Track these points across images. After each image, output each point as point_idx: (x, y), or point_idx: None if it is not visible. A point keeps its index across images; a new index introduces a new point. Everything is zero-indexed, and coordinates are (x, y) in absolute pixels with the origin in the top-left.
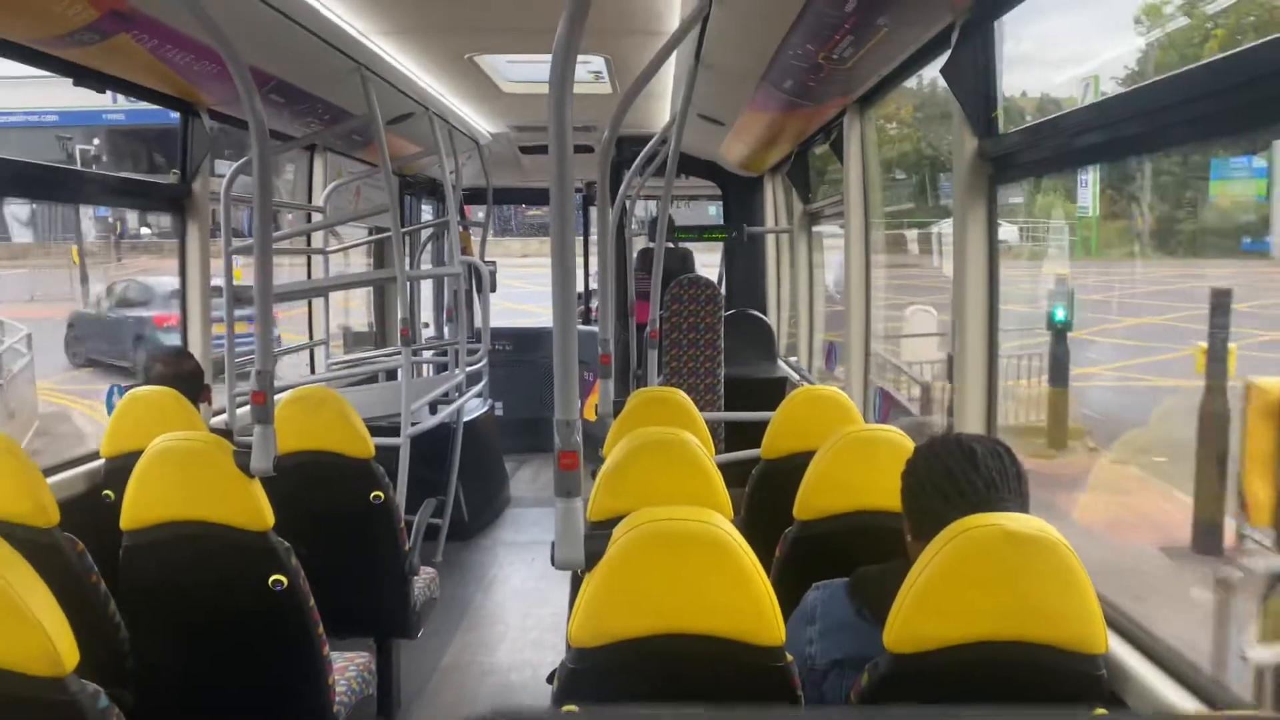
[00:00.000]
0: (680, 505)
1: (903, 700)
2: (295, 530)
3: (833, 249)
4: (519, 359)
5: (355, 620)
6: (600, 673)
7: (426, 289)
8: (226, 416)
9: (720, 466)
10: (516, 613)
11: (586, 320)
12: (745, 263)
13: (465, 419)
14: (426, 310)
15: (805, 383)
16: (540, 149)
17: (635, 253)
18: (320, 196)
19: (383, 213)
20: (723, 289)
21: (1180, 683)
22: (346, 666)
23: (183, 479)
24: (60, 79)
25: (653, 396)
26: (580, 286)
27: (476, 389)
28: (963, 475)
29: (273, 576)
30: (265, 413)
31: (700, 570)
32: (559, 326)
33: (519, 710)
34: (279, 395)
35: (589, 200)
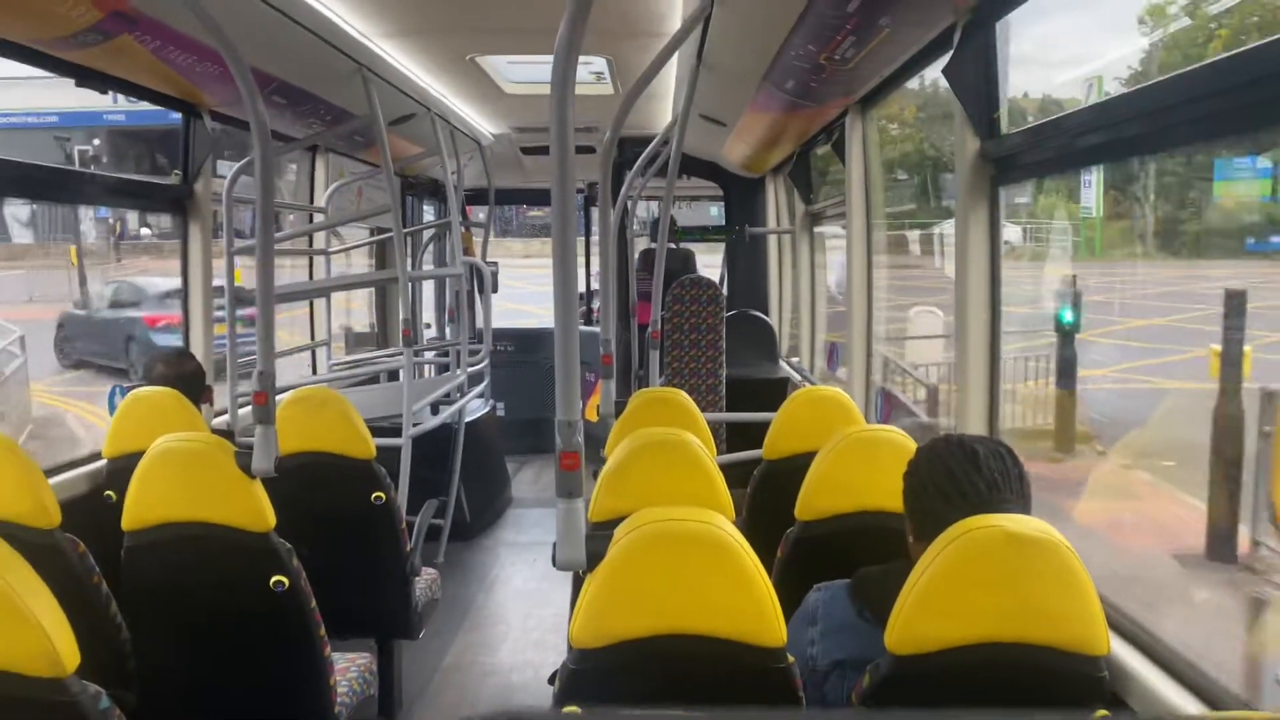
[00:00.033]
0: (682, 506)
1: (904, 702)
2: (297, 531)
3: (834, 250)
4: (520, 359)
5: (357, 621)
6: (602, 673)
7: (428, 289)
8: (228, 417)
9: (722, 467)
10: (518, 613)
11: (588, 321)
12: (747, 263)
13: (467, 420)
14: (428, 311)
15: (807, 383)
16: (542, 150)
17: (637, 253)
18: (322, 197)
19: (384, 213)
20: (724, 290)
21: (1182, 684)
22: (348, 667)
23: (184, 480)
24: (60, 80)
25: (654, 397)
26: (582, 287)
27: (478, 390)
28: (964, 476)
29: (274, 577)
30: (267, 413)
31: (702, 571)
32: (560, 327)
33: (520, 711)
34: (280, 396)
35: (591, 201)
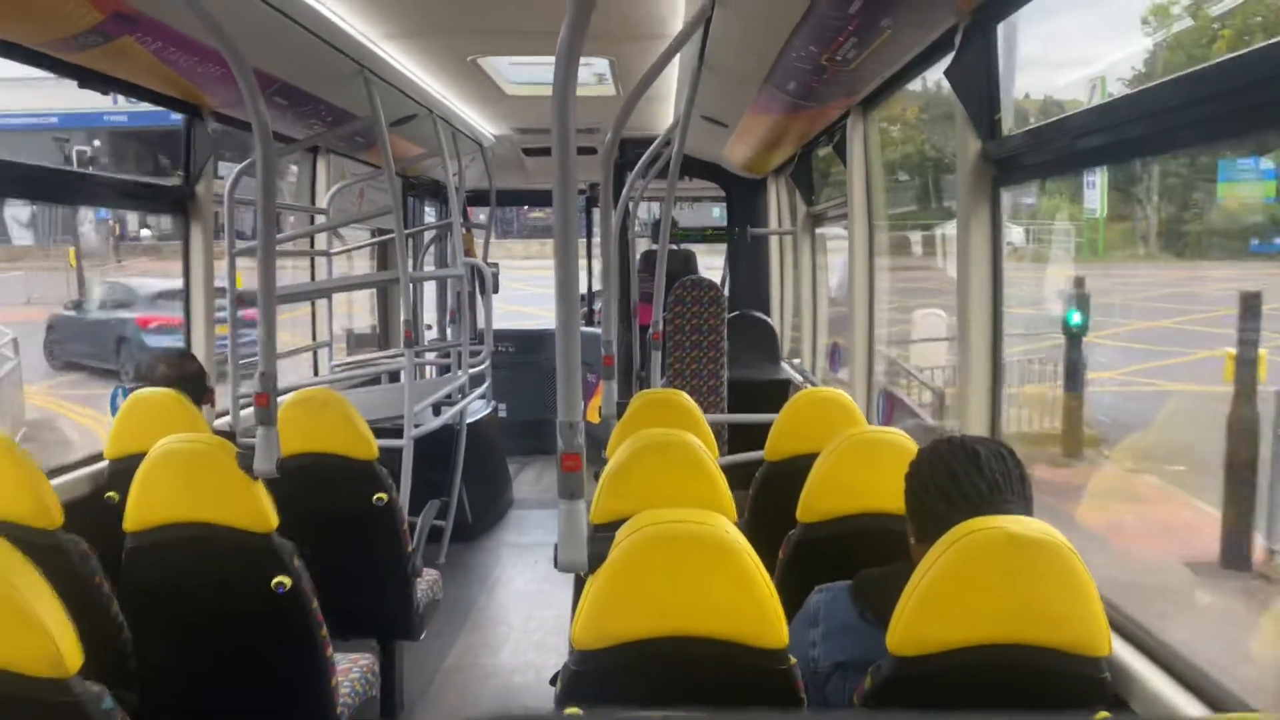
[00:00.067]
0: (683, 507)
1: (906, 703)
2: (298, 532)
3: (836, 251)
4: (522, 361)
5: (358, 622)
6: (603, 675)
7: (429, 291)
8: (230, 418)
9: (723, 468)
10: (519, 614)
11: (590, 322)
12: (748, 264)
13: (468, 421)
14: (429, 312)
15: (809, 385)
16: (543, 151)
17: (638, 255)
18: (323, 198)
19: (386, 214)
20: (726, 291)
21: (1184, 685)
22: (350, 668)
23: (186, 481)
24: (60, 81)
25: (656, 398)
26: (583, 288)
27: (479, 391)
28: (966, 478)
29: (276, 578)
30: (268, 414)
31: (703, 572)
32: (562, 328)
33: (522, 712)
34: (282, 397)
35: (592, 202)
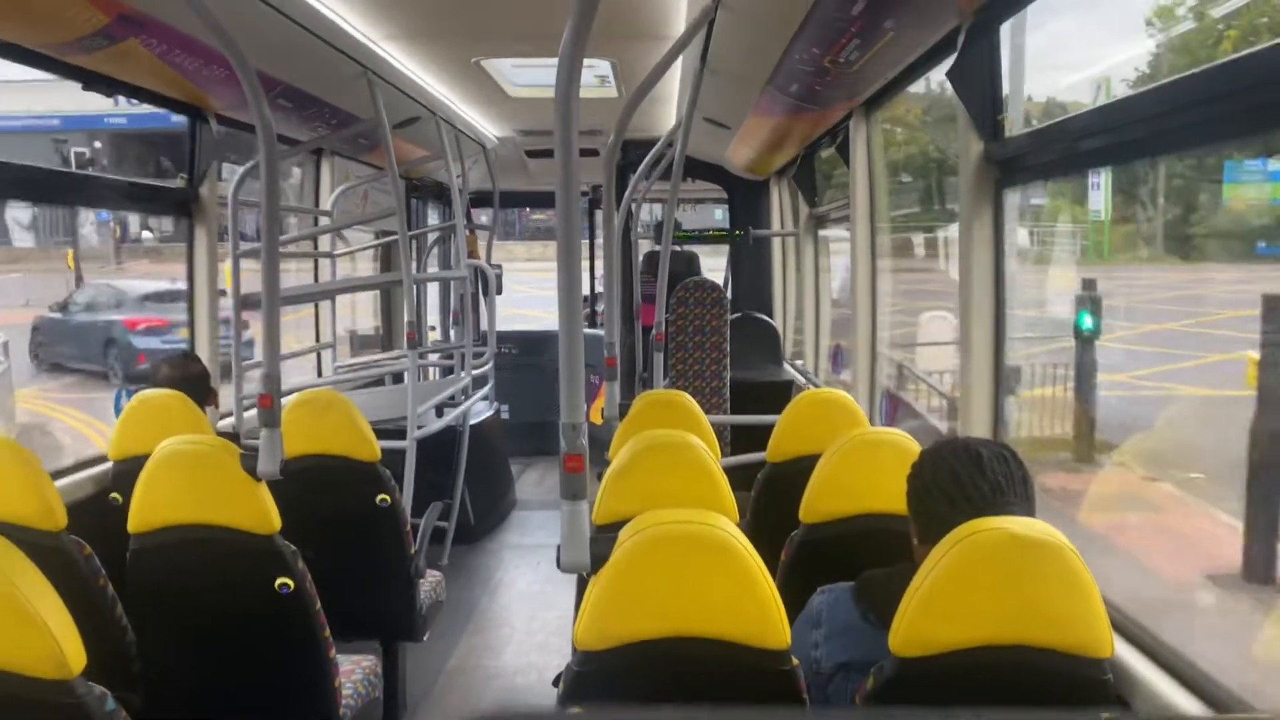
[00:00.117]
0: (686, 508)
1: (908, 704)
2: (302, 533)
3: (839, 253)
4: (525, 362)
5: (361, 623)
6: (606, 676)
7: (433, 292)
8: (233, 420)
9: (726, 470)
10: (522, 616)
11: (592, 323)
12: (751, 266)
13: (471, 422)
14: (433, 313)
15: (811, 386)
16: (546, 153)
17: (641, 256)
18: (327, 200)
19: (389, 216)
20: (728, 292)
21: (1186, 686)
22: (353, 669)
23: (190, 482)
24: (60, 82)
25: (658, 399)
26: (586, 290)
27: (482, 392)
28: (968, 479)
29: (279, 579)
30: (272, 416)
31: (706, 573)
32: (565, 329)
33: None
34: (286, 398)
35: (595, 204)
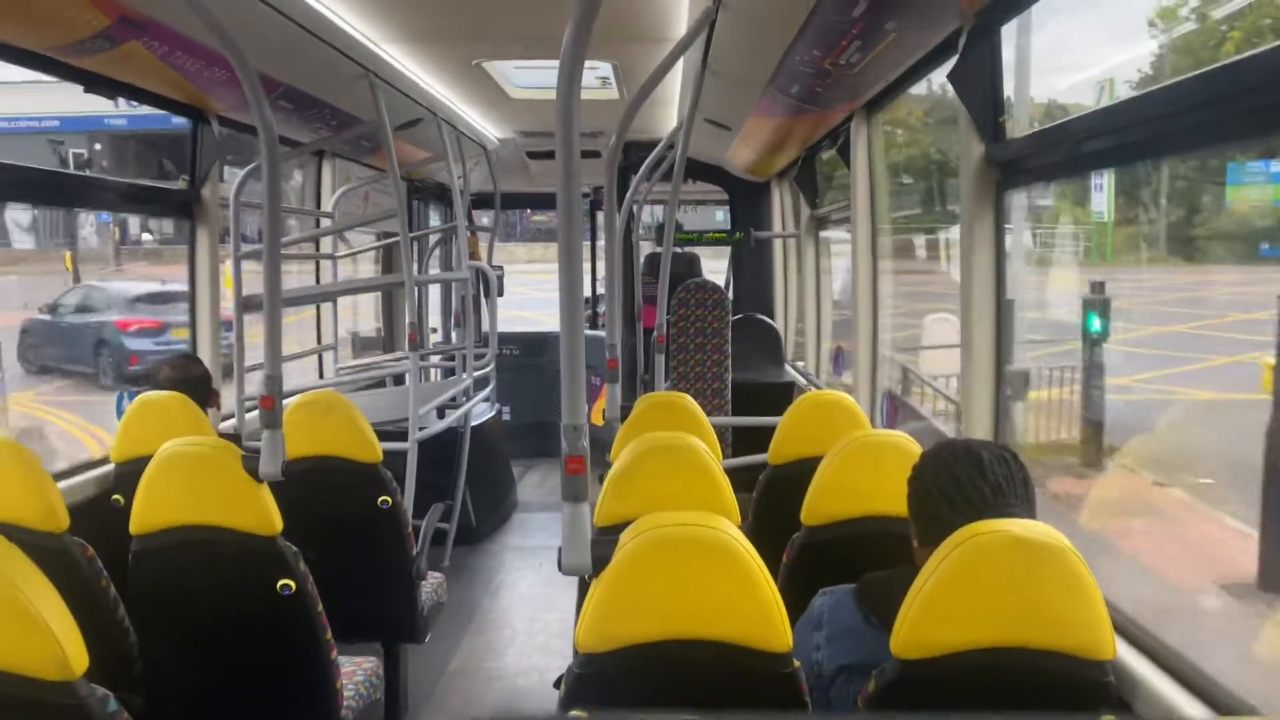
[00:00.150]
0: (687, 510)
1: (910, 706)
2: (303, 535)
3: (840, 254)
4: (526, 363)
5: (363, 625)
6: (607, 678)
7: (434, 294)
8: (235, 421)
9: (727, 471)
10: (524, 618)
11: (594, 325)
12: (752, 267)
13: (473, 424)
14: (434, 315)
15: (813, 387)
16: (548, 154)
17: (642, 257)
18: (329, 202)
19: (391, 218)
20: (730, 294)
21: (1188, 688)
22: (354, 671)
23: (191, 484)
24: (59, 84)
25: (660, 401)
26: (587, 291)
27: (484, 393)
28: (969, 481)
29: (281, 581)
30: (274, 418)
31: (707, 576)
32: (566, 331)
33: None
34: (287, 400)
35: (596, 205)
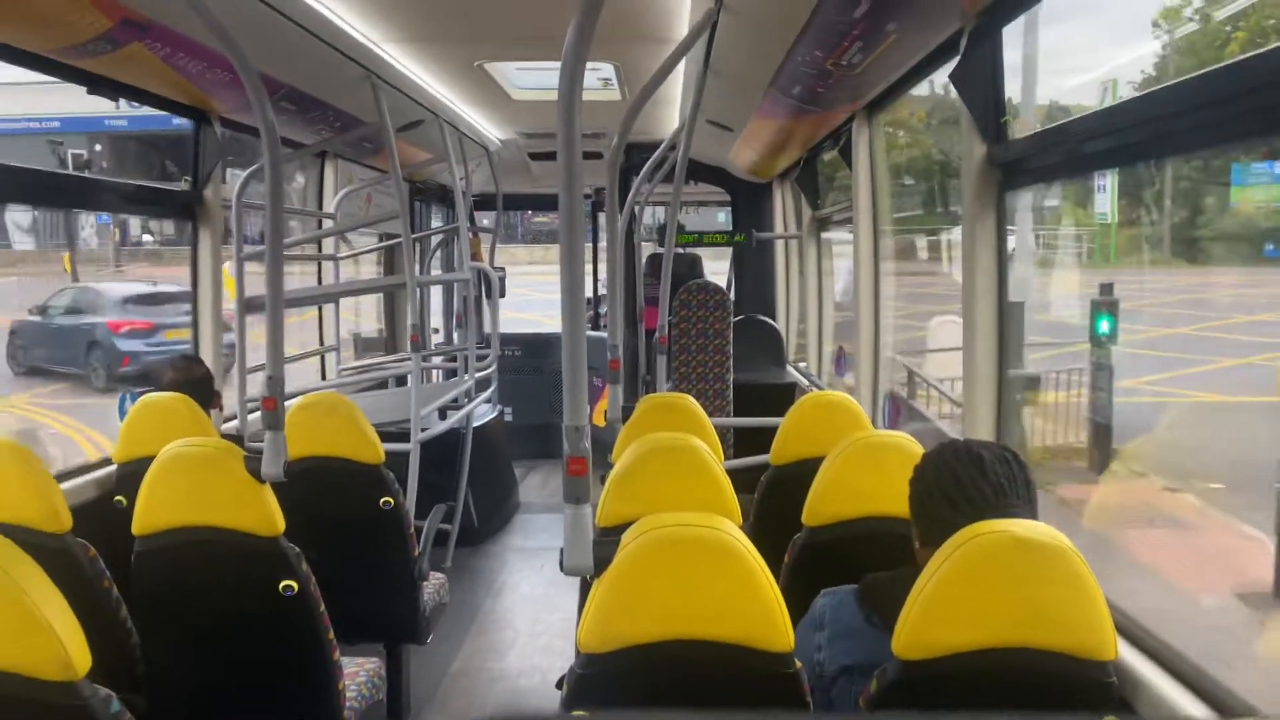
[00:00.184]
0: (689, 511)
1: (912, 707)
2: (305, 536)
3: (842, 256)
4: (528, 364)
5: (365, 625)
6: (609, 678)
7: (436, 295)
8: (237, 422)
9: (729, 472)
10: (526, 618)
11: (595, 326)
12: (754, 268)
13: (475, 424)
14: (436, 316)
15: (814, 388)
16: (549, 155)
17: (644, 259)
18: (331, 203)
19: (393, 219)
20: (732, 295)
21: (1191, 689)
22: (356, 672)
23: (194, 484)
24: (59, 84)
25: (661, 402)
26: (589, 292)
27: (486, 394)
28: (971, 482)
29: (283, 582)
30: (276, 418)
31: (709, 576)
32: (568, 332)
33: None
34: (289, 401)
35: (598, 206)
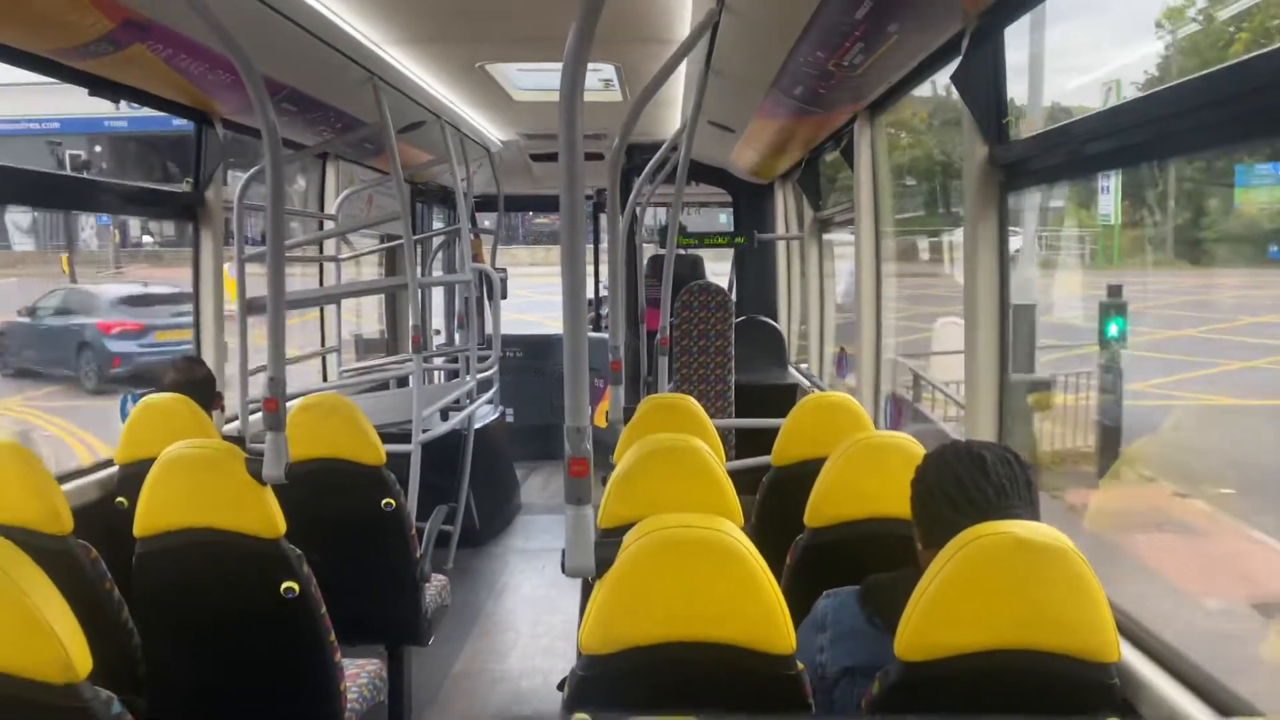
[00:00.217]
0: (690, 512)
1: (914, 709)
2: (307, 537)
3: (844, 257)
4: (530, 365)
5: (367, 627)
6: (611, 680)
7: (438, 296)
8: (239, 423)
9: (731, 473)
10: (527, 620)
11: (597, 327)
12: (756, 269)
13: (476, 426)
14: (438, 317)
15: (816, 389)
16: (551, 156)
17: (645, 259)
18: (332, 204)
19: (394, 220)
20: (733, 296)
21: (1193, 691)
22: (358, 674)
23: (195, 486)
24: (58, 85)
25: (663, 403)
26: (591, 293)
27: (487, 396)
28: (972, 483)
29: (285, 583)
30: (277, 420)
31: (711, 578)
32: (570, 333)
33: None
34: (291, 402)
35: (599, 207)
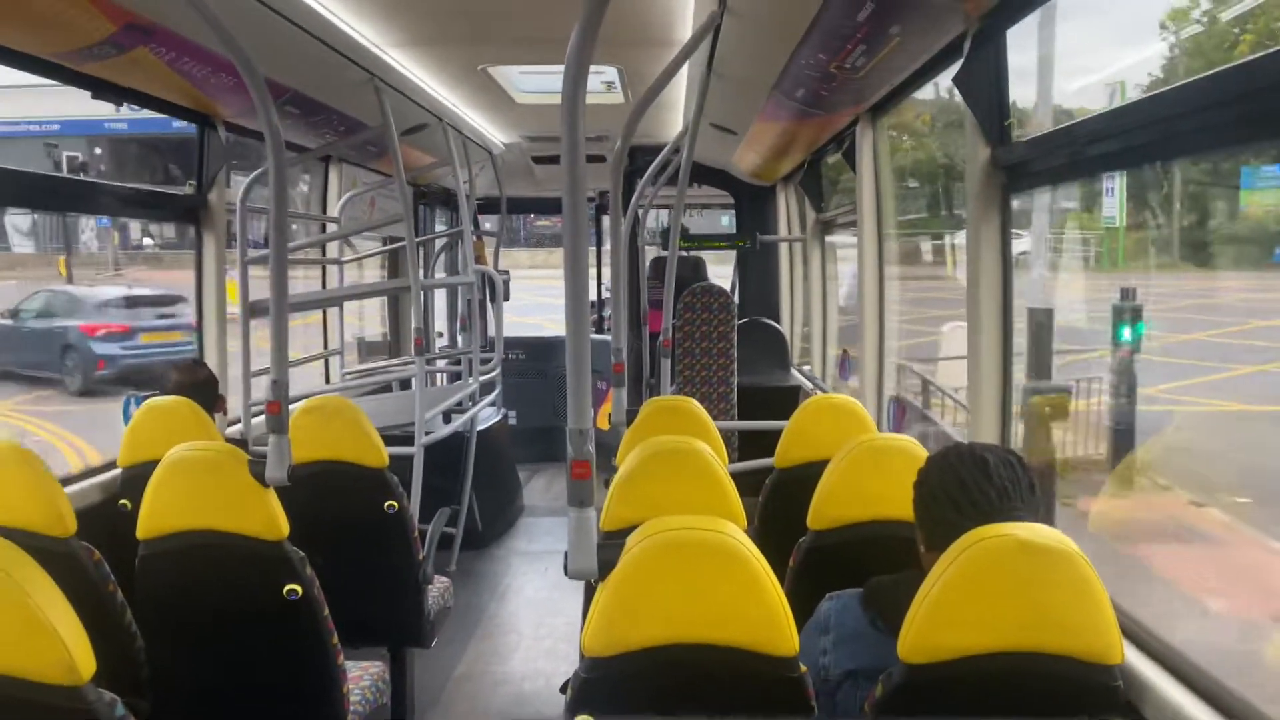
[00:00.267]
0: (693, 515)
1: (917, 711)
2: (310, 539)
3: (846, 259)
4: (532, 368)
5: (369, 629)
6: (613, 682)
7: (440, 298)
8: (241, 426)
9: (733, 476)
10: (530, 622)
11: (599, 329)
12: (758, 271)
13: (479, 428)
14: (440, 319)
15: (819, 391)
16: (553, 159)
17: (648, 262)
18: (335, 207)
19: (397, 223)
20: (736, 298)
21: (1197, 694)
22: (361, 676)
23: (198, 488)
24: (56, 87)
25: (666, 405)
26: (593, 295)
27: (490, 398)
28: (975, 485)
29: (287, 586)
30: (280, 422)
31: (713, 580)
32: (572, 335)
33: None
34: (293, 405)
35: (602, 210)
